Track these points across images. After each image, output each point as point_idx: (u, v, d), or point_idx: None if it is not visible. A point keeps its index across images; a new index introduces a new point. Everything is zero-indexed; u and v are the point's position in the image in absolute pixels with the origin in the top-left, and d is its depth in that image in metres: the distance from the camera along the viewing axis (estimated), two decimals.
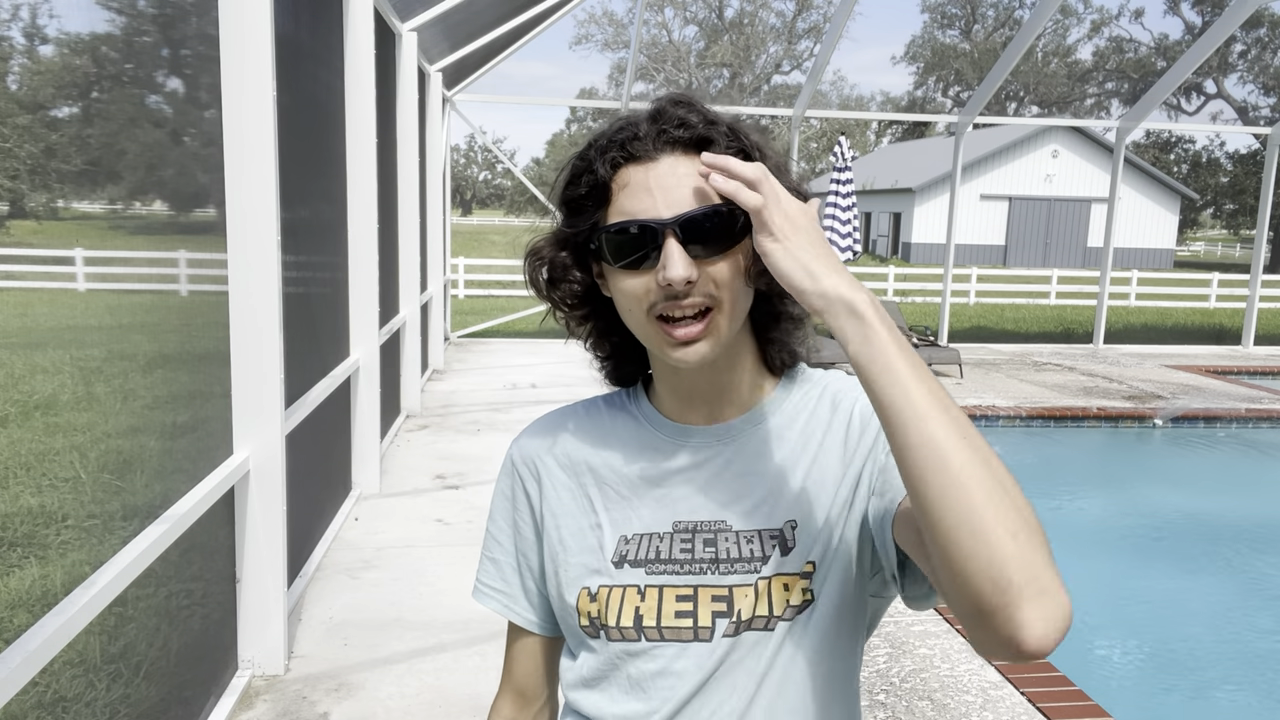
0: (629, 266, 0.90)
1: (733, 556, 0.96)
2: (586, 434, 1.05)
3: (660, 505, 0.99)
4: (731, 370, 0.99)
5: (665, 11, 48.02)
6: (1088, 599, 4.67)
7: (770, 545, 0.96)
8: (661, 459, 1.00)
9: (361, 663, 3.36)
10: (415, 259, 7.24)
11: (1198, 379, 10.05)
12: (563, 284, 0.99)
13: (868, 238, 39.25)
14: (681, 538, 0.97)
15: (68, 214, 2.17)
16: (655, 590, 0.96)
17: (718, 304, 0.90)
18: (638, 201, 0.90)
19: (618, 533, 0.99)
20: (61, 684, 2.02)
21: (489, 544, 1.10)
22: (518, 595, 1.08)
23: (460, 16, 7.65)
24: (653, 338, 0.92)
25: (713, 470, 0.99)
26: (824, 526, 0.96)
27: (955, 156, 11.67)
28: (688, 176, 0.89)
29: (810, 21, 48.92)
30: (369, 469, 5.34)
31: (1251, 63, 41.62)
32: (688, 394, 1.00)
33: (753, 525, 0.96)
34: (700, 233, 0.88)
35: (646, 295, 0.90)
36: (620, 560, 0.98)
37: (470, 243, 35.32)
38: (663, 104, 0.93)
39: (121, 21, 2.37)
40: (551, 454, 1.06)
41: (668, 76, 48.34)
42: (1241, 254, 47.93)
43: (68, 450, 2.08)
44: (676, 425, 1.01)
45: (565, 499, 1.04)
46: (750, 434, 1.00)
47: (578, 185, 0.94)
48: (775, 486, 0.97)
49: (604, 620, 0.98)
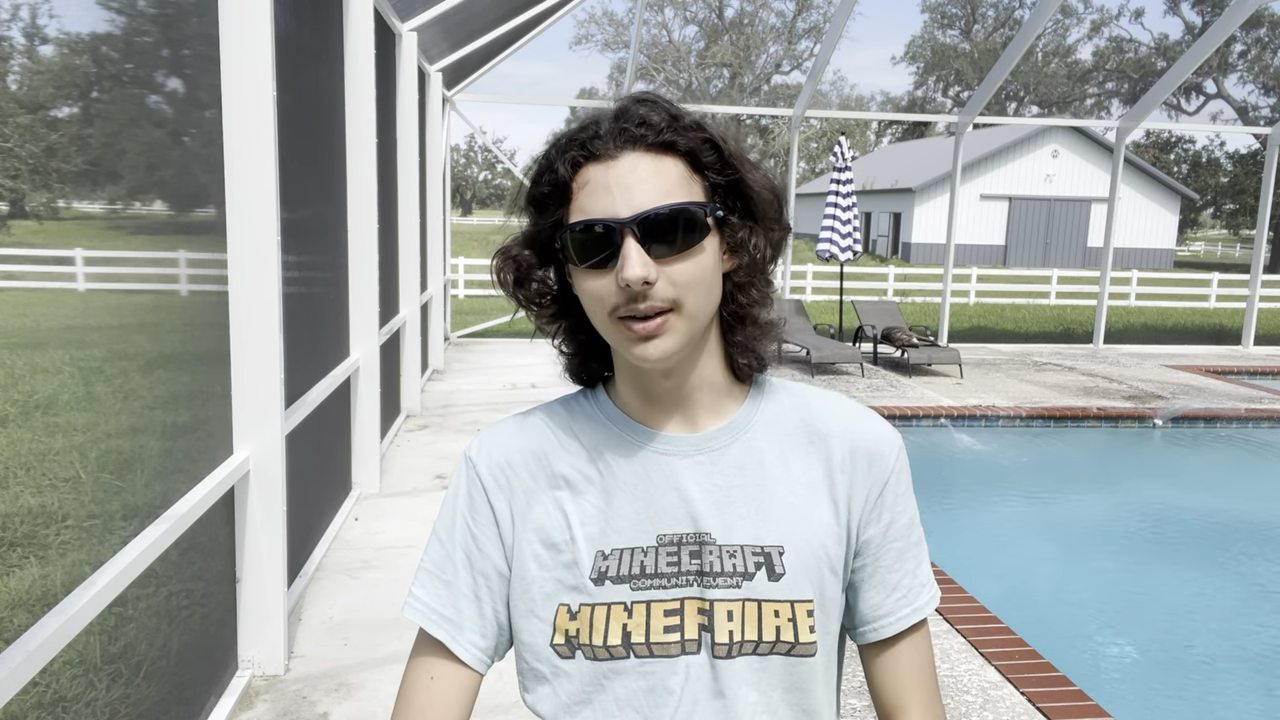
0: (593, 266, 0.88)
1: (716, 570, 0.93)
2: (553, 439, 0.99)
3: (641, 516, 0.94)
4: (696, 372, 0.95)
5: (665, 11, 48.05)
6: (1088, 599, 4.67)
7: (755, 564, 0.93)
8: (641, 467, 0.96)
9: (361, 663, 3.36)
10: (415, 259, 7.24)
11: (1198, 379, 10.05)
12: (529, 283, 0.96)
13: (868, 238, 39.26)
14: (667, 550, 0.93)
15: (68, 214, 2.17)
16: (643, 606, 0.93)
17: (677, 305, 0.88)
18: (597, 200, 0.87)
19: (594, 548, 0.94)
20: (61, 684, 2.02)
21: (439, 560, 1.00)
22: (468, 624, 0.98)
23: (460, 16, 7.65)
24: (614, 336, 0.90)
25: (696, 480, 0.95)
26: (814, 559, 0.95)
27: (955, 156, 11.68)
28: (649, 175, 0.87)
29: (810, 21, 48.93)
30: (369, 469, 5.34)
31: (1251, 63, 41.62)
32: (655, 396, 0.96)
33: (735, 541, 0.94)
34: (660, 232, 0.86)
35: (609, 296, 0.88)
36: (600, 577, 0.93)
37: (470, 243, 35.31)
38: (626, 102, 0.91)
39: (121, 21, 2.37)
40: (518, 459, 0.99)
41: (668, 76, 48.35)
42: (1241, 254, 47.94)
43: (68, 450, 2.08)
44: (645, 429, 0.97)
45: (535, 510, 0.97)
46: (731, 446, 0.96)
47: (540, 184, 0.92)
48: (760, 505, 0.95)
49: (585, 640, 0.93)
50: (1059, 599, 4.66)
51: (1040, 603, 4.60)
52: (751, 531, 0.94)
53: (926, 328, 11.24)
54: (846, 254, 10.97)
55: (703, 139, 0.90)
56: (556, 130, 1.01)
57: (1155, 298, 22.49)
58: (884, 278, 21.72)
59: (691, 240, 0.87)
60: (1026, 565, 5.11)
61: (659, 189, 0.87)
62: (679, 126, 0.89)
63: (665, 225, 0.86)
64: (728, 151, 0.90)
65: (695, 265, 0.88)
